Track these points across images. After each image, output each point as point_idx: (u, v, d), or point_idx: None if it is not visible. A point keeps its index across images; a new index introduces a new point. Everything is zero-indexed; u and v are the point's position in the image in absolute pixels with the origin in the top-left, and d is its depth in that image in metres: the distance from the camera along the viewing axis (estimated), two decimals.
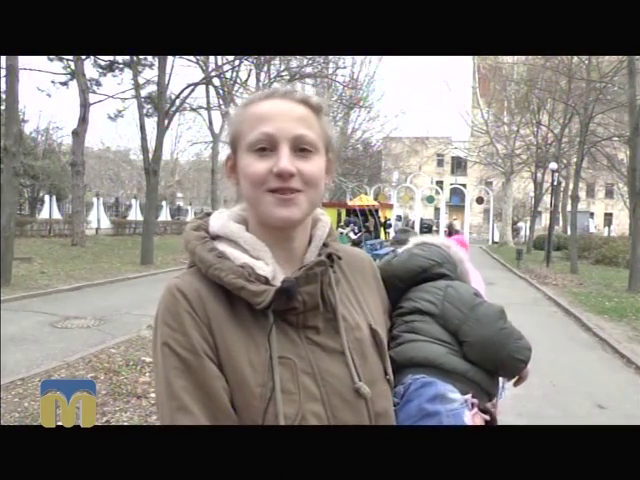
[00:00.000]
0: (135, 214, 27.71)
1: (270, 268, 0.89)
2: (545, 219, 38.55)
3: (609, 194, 48.09)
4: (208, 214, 1.00)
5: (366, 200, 24.23)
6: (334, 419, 0.85)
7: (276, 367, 0.84)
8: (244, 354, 0.85)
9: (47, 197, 24.05)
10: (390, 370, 0.97)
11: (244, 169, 0.89)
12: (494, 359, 1.05)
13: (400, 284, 1.17)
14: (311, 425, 0.84)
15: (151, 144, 15.32)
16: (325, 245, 0.97)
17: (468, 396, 1.01)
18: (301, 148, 0.87)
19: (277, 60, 19.60)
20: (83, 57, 17.77)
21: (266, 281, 0.87)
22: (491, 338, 1.06)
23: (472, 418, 1.00)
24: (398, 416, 0.99)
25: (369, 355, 0.93)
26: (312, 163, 0.88)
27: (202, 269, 0.88)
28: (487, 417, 1.04)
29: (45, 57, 19.62)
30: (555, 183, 21.01)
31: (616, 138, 19.70)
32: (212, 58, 19.45)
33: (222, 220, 0.96)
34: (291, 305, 0.86)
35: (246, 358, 0.84)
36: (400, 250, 1.29)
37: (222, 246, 0.91)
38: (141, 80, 18.87)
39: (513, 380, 1.18)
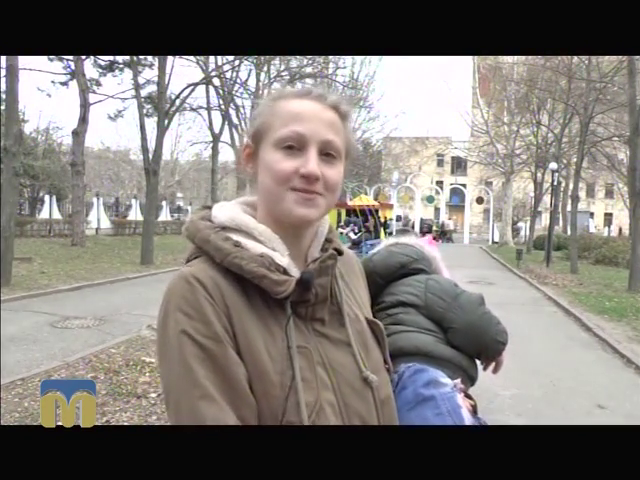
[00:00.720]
0: (135, 214, 27.71)
1: (286, 260, 0.90)
2: (545, 219, 38.54)
3: (609, 194, 48.11)
4: (207, 207, 0.99)
5: (366, 200, 24.24)
6: (345, 407, 0.88)
7: (295, 356, 0.85)
8: (262, 343, 0.85)
9: (47, 197, 24.07)
10: (389, 359, 1.01)
11: (269, 164, 0.89)
12: (478, 343, 1.11)
13: (380, 280, 1.22)
14: (320, 425, 0.85)
15: (151, 144, 15.31)
16: (328, 240, 0.99)
17: (457, 380, 1.06)
18: (327, 153, 0.89)
19: (277, 60, 19.59)
20: (83, 57, 17.77)
21: (284, 271, 0.88)
22: (475, 323, 1.11)
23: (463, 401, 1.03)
24: (395, 403, 1.01)
25: (370, 345, 0.97)
26: (335, 169, 0.90)
27: (217, 258, 0.88)
28: (472, 402, 1.07)
29: (45, 57, 19.63)
30: (555, 183, 20.99)
31: (616, 138, 19.69)
32: (212, 58, 19.45)
33: (230, 212, 0.95)
34: (306, 297, 0.88)
35: (264, 347, 0.85)
36: (375, 250, 1.33)
37: (237, 236, 0.91)
38: (141, 80, 18.89)
39: (491, 368, 1.21)
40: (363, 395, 0.90)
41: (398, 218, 27.98)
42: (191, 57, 17.74)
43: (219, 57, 18.67)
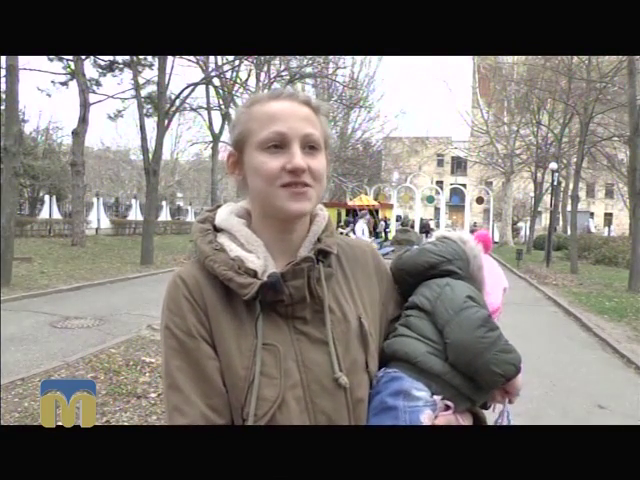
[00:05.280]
0: (135, 214, 27.68)
1: (261, 262, 0.94)
2: (545, 219, 38.53)
3: (609, 194, 48.06)
4: (219, 206, 1.06)
5: (366, 200, 24.25)
6: (312, 404, 0.91)
7: (259, 352, 0.90)
8: (234, 339, 0.92)
9: (47, 197, 24.02)
10: (373, 363, 1.01)
11: (257, 166, 0.93)
12: (468, 365, 1.02)
13: (409, 279, 1.17)
14: (293, 425, 0.88)
15: (151, 144, 15.31)
16: (319, 240, 1.00)
17: (437, 397, 1.00)
18: (309, 146, 0.94)
19: (277, 60, 19.57)
20: (83, 57, 17.76)
21: (254, 274, 0.93)
22: (466, 344, 1.03)
23: (432, 419, 0.97)
24: (368, 405, 0.99)
25: (352, 346, 0.98)
26: (318, 160, 0.95)
27: (200, 259, 0.96)
28: (463, 421, 1.00)
29: (45, 57, 19.60)
30: (555, 183, 20.99)
31: (616, 138, 19.68)
32: (212, 58, 19.44)
33: (224, 214, 1.02)
34: (278, 298, 0.92)
35: (235, 343, 0.92)
36: (414, 246, 1.28)
37: (222, 239, 0.98)
38: (141, 80, 18.87)
39: (509, 399, 1.15)
40: (333, 394, 0.93)
41: (397, 218, 27.75)
42: (191, 57, 17.73)
43: (219, 57, 18.67)
